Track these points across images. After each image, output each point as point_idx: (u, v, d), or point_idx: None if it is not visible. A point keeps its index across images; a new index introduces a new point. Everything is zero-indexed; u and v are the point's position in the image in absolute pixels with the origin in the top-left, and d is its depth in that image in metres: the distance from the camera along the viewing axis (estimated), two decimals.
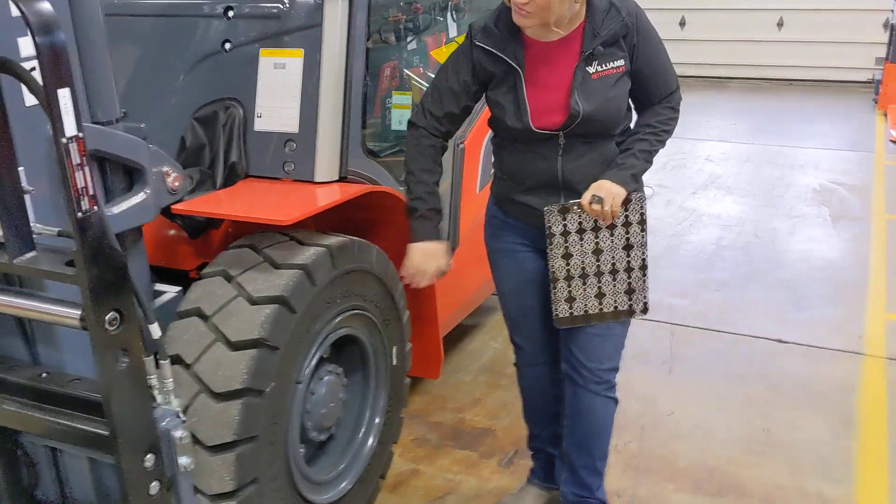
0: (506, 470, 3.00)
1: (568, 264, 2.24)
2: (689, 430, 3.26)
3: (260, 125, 2.46)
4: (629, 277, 2.27)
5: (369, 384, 2.67)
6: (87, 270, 1.57)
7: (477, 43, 2.17)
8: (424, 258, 2.26)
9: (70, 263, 1.65)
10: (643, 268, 2.26)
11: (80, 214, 1.54)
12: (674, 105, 2.27)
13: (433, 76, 2.33)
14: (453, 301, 3.27)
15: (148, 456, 1.80)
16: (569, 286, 2.26)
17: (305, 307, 2.18)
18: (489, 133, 3.30)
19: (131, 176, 2.15)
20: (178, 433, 1.86)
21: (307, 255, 2.22)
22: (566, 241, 2.22)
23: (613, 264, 2.25)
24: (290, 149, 2.43)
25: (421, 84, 3.10)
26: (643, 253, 2.25)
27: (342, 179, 2.49)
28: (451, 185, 3.16)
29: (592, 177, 2.17)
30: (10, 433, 2.06)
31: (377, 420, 2.69)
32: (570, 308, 2.27)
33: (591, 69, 2.13)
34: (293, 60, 2.42)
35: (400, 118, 3.14)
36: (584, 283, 2.26)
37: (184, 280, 2.47)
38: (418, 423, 3.32)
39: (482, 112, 3.07)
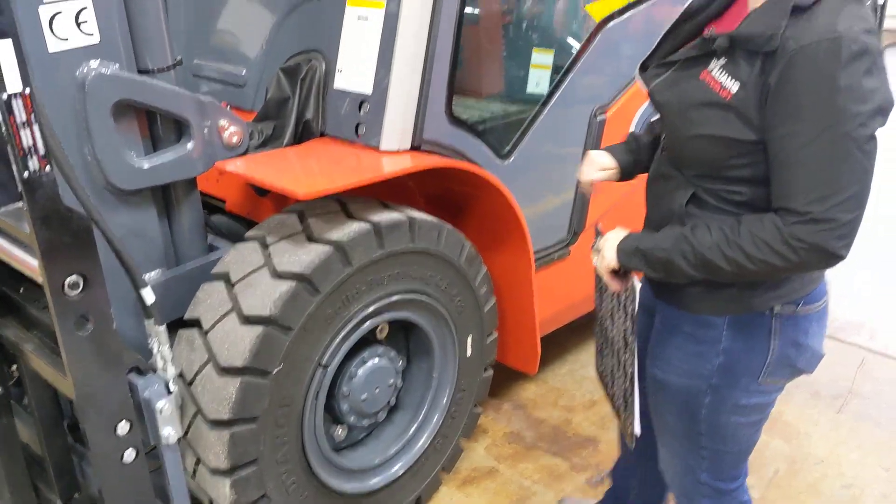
0: (592, 490, 2.66)
1: (600, 312, 1.86)
2: (835, 488, 2.67)
3: (339, 82, 2.28)
4: (625, 380, 1.76)
5: (432, 373, 2.45)
6: (37, 233, 1.51)
7: None
8: (587, 163, 1.94)
9: None
10: (632, 380, 1.72)
11: (27, 174, 1.47)
12: (786, 235, 1.38)
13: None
14: (561, 295, 2.92)
15: (121, 423, 1.75)
16: (601, 338, 1.88)
17: (335, 287, 2.00)
18: (644, 106, 2.90)
19: (180, 127, 2.08)
20: (160, 403, 1.79)
21: (348, 230, 2.03)
22: (599, 285, 1.83)
23: (618, 350, 1.78)
24: (365, 111, 2.22)
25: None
26: (633, 362, 1.71)
27: (417, 149, 2.25)
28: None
29: (657, 219, 1.66)
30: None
31: (436, 411, 2.47)
32: (601, 363, 1.90)
33: (711, 62, 1.47)
34: (375, 12, 2.19)
35: (538, 80, 2.82)
36: (605, 349, 1.86)
37: None
38: (521, 415, 3.05)
39: (634, 81, 2.64)
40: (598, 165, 1.93)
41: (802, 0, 1.34)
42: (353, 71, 2.25)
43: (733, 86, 1.41)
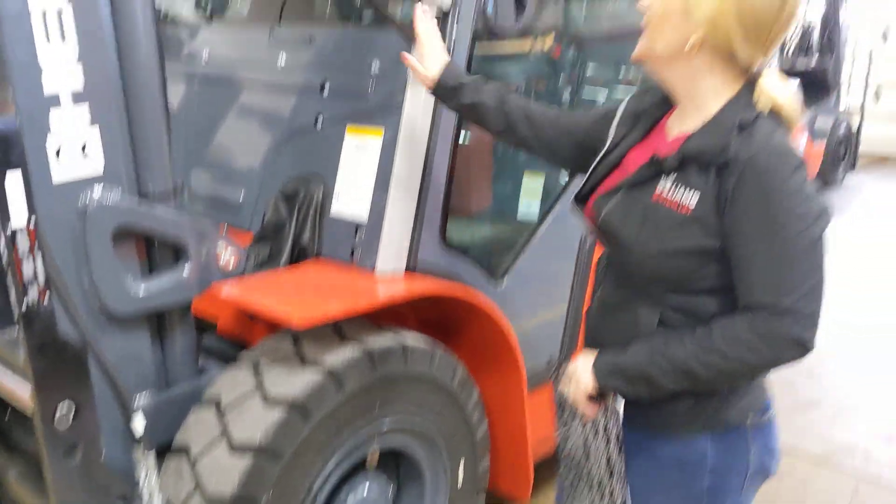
0: None
1: (567, 448, 1.80)
2: None
3: (336, 206, 2.33)
4: None
5: (423, 500, 2.40)
6: (32, 362, 1.51)
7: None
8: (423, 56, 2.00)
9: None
10: None
11: (25, 306, 1.48)
12: (761, 331, 1.44)
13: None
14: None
15: None
16: (572, 475, 1.82)
17: (327, 414, 1.98)
18: None
19: (177, 251, 2.10)
20: None
21: (341, 355, 2.03)
22: (564, 415, 1.76)
23: (600, 481, 1.73)
24: (360, 236, 2.26)
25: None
26: (622, 489, 1.67)
27: (411, 271, 2.28)
28: (573, 276, 2.83)
29: (615, 342, 1.62)
30: None
31: None
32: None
33: (660, 184, 1.53)
34: (373, 140, 2.26)
35: (529, 206, 2.88)
36: (579, 487, 1.80)
37: None
38: None
39: None
40: (412, 66, 2.00)
41: (744, 119, 1.46)
42: (350, 196, 2.30)
43: (692, 200, 1.49)
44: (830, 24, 8.27)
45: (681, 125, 1.59)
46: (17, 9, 1.67)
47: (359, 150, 2.29)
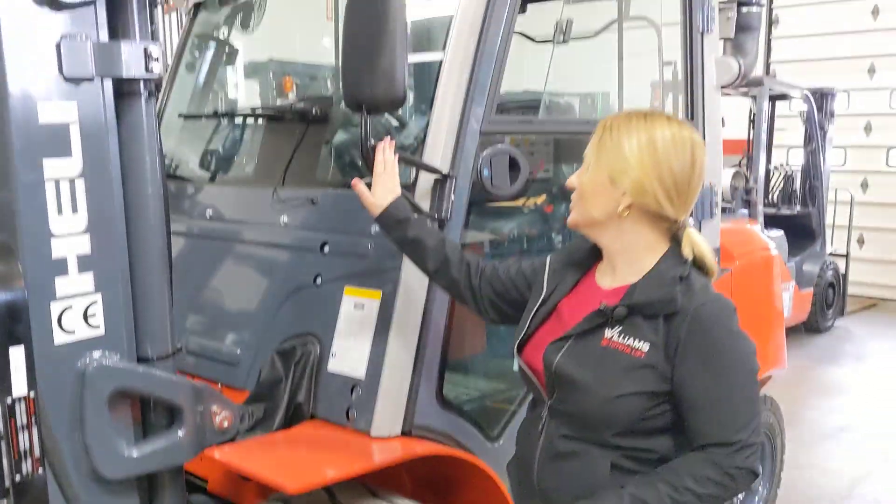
0: None
1: None
2: None
3: (332, 366, 2.34)
4: None
5: None
6: None
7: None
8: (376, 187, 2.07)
9: None
10: None
11: (18, 478, 1.46)
12: (726, 467, 1.57)
13: None
14: None
15: None
16: None
17: None
18: None
19: (172, 413, 2.09)
20: None
21: None
22: None
23: None
24: (357, 395, 2.26)
25: None
26: None
27: (407, 433, 2.26)
28: None
29: (567, 492, 1.67)
30: None
31: None
32: None
33: (607, 331, 1.66)
34: (371, 301, 2.30)
35: None
36: None
37: None
38: None
39: None
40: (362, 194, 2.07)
41: (682, 272, 1.65)
42: (347, 356, 2.32)
43: (643, 346, 1.62)
44: (811, 172, 8.58)
45: (613, 278, 1.76)
46: (33, 179, 1.73)
47: (357, 311, 2.33)
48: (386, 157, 2.12)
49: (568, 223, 1.80)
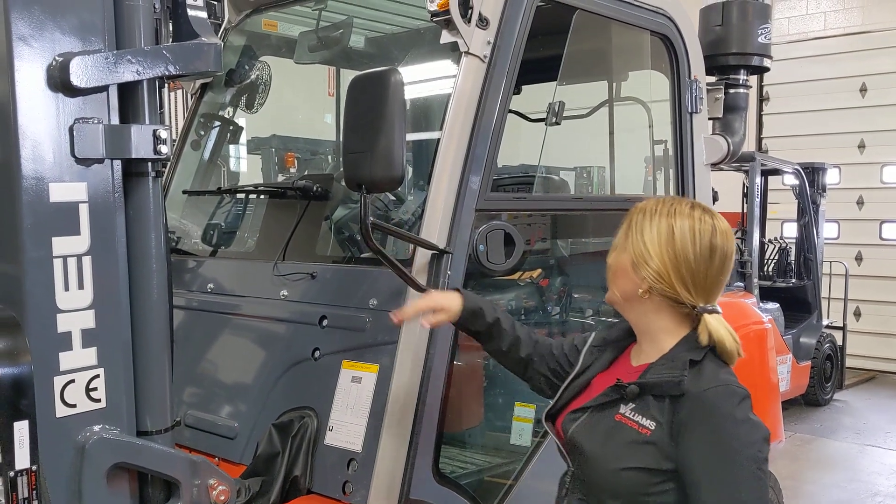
0: None
1: None
2: None
3: (329, 439, 2.36)
4: None
5: None
6: None
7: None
8: (423, 303, 2.07)
9: None
10: None
11: None
12: None
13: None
14: None
15: None
16: None
17: None
18: None
19: (170, 487, 2.10)
20: None
21: None
22: None
23: None
24: (353, 469, 2.28)
25: None
26: None
27: None
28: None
29: None
30: None
31: None
32: None
33: (622, 406, 1.73)
34: (368, 375, 2.34)
35: (521, 432, 2.91)
36: None
37: None
38: None
39: None
40: (436, 306, 2.04)
41: (694, 357, 1.70)
42: (344, 429, 2.34)
43: (650, 424, 1.68)
44: (805, 245, 8.66)
45: (639, 357, 1.84)
46: (41, 255, 1.78)
47: (354, 384, 2.36)
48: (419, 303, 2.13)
49: (605, 300, 1.91)
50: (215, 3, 3.52)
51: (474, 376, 2.97)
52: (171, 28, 2.01)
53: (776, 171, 8.57)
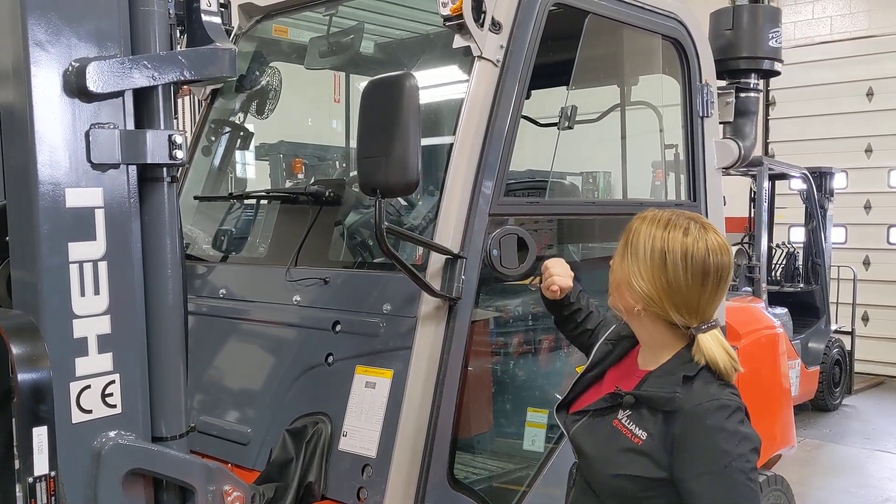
0: None
1: None
2: None
3: (344, 444, 2.35)
4: None
5: None
6: None
7: None
8: (561, 267, 2.18)
9: None
10: None
11: None
12: None
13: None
14: None
15: None
16: None
17: None
18: None
19: (185, 493, 2.09)
20: None
21: None
22: None
23: None
24: (368, 475, 2.27)
25: None
26: None
27: None
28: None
29: None
30: None
31: None
32: None
33: (619, 412, 1.77)
34: (382, 381, 2.33)
35: (533, 438, 2.89)
36: None
37: None
38: None
39: None
40: (570, 274, 2.18)
41: (688, 372, 1.72)
42: (358, 435, 2.33)
43: (642, 434, 1.71)
44: (813, 250, 8.64)
45: (643, 359, 1.87)
46: (58, 261, 1.78)
47: (368, 390, 2.35)
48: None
49: (608, 303, 1.93)
50: (224, 8, 3.52)
51: (487, 381, 2.96)
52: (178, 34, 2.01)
53: (783, 176, 8.55)
